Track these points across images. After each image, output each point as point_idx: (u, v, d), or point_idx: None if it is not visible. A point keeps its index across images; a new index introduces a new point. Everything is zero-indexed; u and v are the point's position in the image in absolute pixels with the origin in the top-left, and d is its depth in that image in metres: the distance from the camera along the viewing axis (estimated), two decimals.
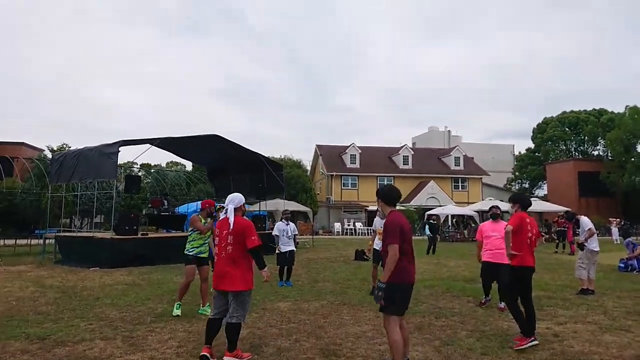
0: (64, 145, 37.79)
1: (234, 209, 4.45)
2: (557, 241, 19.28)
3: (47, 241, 15.10)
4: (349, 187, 40.66)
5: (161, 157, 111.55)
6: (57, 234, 14.76)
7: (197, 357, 4.39)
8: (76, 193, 18.07)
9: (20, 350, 4.70)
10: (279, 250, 9.47)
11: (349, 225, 36.26)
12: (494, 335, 5.25)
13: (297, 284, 9.27)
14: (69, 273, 10.98)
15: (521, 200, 5.41)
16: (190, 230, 6.47)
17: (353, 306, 7.02)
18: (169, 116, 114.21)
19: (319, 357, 4.52)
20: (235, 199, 4.54)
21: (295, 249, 9.91)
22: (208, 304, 6.47)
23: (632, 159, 40.18)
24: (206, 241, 6.57)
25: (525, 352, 4.69)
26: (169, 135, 15.90)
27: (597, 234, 8.55)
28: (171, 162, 53.35)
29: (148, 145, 14.93)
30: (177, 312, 6.31)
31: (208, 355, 4.29)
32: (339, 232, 35.62)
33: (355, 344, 4.95)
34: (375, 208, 32.48)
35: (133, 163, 25.10)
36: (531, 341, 4.84)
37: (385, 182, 40.48)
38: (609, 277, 10.30)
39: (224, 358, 4.26)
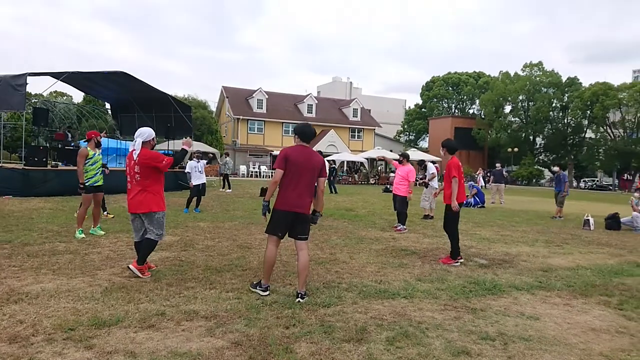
0: None
1: (142, 142, 4.62)
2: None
3: None
4: (255, 132, 42.02)
5: (43, 88, 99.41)
6: None
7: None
8: None
9: None
10: (192, 184, 11.08)
11: (254, 168, 38.03)
12: (355, 238, 7.72)
13: (211, 212, 11.04)
14: None
15: (447, 145, 6.03)
16: (85, 163, 6.78)
17: (259, 224, 9.08)
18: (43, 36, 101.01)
19: (236, 248, 6.54)
20: (144, 132, 4.66)
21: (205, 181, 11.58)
22: (99, 225, 7.21)
23: (499, 118, 47.40)
24: (98, 170, 6.97)
25: (368, 243, 7.24)
26: (75, 69, 15.78)
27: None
28: (55, 92, 48.10)
29: (53, 80, 14.88)
30: (80, 236, 6.72)
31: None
32: (244, 174, 37.26)
33: (262, 243, 7.02)
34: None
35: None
36: (456, 262, 5.84)
37: (291, 129, 42.54)
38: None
39: (129, 266, 4.68)
